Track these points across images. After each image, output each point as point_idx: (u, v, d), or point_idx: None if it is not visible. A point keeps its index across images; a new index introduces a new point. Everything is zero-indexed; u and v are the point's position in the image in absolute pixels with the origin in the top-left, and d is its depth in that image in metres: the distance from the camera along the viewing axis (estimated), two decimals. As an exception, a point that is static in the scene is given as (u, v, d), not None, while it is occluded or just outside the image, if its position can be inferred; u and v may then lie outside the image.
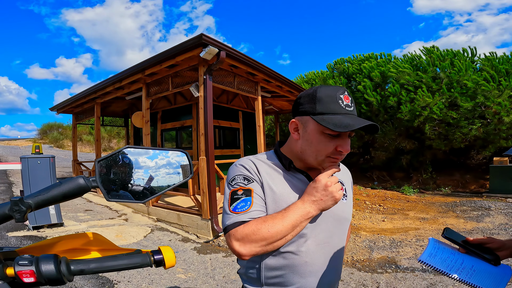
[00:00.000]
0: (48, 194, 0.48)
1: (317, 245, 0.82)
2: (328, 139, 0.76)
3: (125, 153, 0.58)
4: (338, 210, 0.86)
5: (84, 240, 0.58)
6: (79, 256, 0.57)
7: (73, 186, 0.49)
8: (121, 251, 0.59)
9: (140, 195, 0.57)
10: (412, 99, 8.28)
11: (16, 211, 0.45)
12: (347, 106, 0.77)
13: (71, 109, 8.67)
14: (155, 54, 4.84)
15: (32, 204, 0.47)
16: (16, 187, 7.61)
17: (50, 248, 0.55)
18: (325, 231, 0.83)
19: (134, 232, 4.55)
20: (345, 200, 0.91)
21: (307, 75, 13.32)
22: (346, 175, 0.98)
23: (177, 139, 7.47)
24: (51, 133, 26.02)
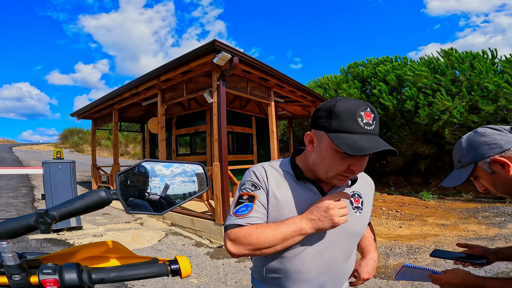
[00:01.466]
0: (72, 206, 0.50)
1: (316, 254, 0.81)
2: (342, 158, 0.74)
3: (144, 166, 0.60)
4: (347, 223, 0.81)
5: (104, 248, 0.60)
6: (98, 263, 0.59)
7: (95, 199, 0.51)
8: (139, 259, 0.60)
9: (158, 207, 0.59)
10: (430, 102, 8.06)
11: (41, 223, 0.47)
12: (367, 124, 0.72)
13: (91, 114, 8.98)
14: (170, 61, 4.95)
15: (57, 216, 0.49)
16: (37, 191, 7.91)
17: (72, 256, 0.57)
18: (328, 241, 0.82)
19: (149, 236, 4.63)
20: (359, 213, 0.87)
21: (320, 79, 13.24)
22: (366, 187, 0.94)
23: (191, 145, 7.58)
24: (72, 138, 27.00)
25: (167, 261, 0.57)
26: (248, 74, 5.16)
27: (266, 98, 5.80)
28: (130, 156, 23.62)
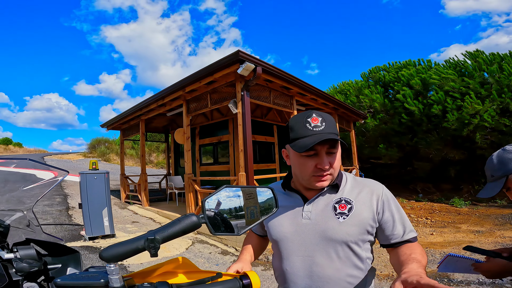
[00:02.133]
0: (172, 230, 0.56)
1: (299, 257, 0.90)
2: (306, 160, 0.86)
3: (226, 191, 0.66)
4: (325, 228, 0.86)
5: (175, 264, 0.67)
6: (170, 278, 0.66)
7: (190, 223, 0.57)
8: (204, 273, 0.66)
9: (226, 226, 0.64)
10: (459, 106, 7.76)
11: (152, 247, 0.53)
12: (316, 126, 0.83)
13: (119, 125, 9.39)
14: (194, 72, 5.11)
15: (160, 240, 0.54)
16: (71, 199, 8.32)
17: (153, 273, 0.65)
18: (309, 246, 0.89)
19: (177, 244, 4.74)
20: (342, 219, 0.86)
21: (339, 85, 13.10)
22: (366, 195, 0.89)
23: (214, 154, 7.71)
24: (99, 147, 28.22)
25: (238, 275, 0.62)
26: (270, 83, 5.23)
27: (288, 107, 5.83)
28: (153, 165, 24.29)
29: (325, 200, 0.91)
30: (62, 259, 0.82)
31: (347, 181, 0.94)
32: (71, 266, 0.82)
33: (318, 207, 0.91)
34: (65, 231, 5.15)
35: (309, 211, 0.91)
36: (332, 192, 0.92)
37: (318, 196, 0.92)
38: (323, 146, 0.84)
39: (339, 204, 0.89)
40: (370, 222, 0.86)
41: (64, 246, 0.83)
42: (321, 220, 0.88)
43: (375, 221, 0.87)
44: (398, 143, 9.91)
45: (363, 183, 0.93)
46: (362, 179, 0.95)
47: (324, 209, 0.89)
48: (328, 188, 0.91)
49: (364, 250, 0.88)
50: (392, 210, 0.87)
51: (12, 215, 0.84)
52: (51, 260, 0.81)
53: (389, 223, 0.87)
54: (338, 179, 0.92)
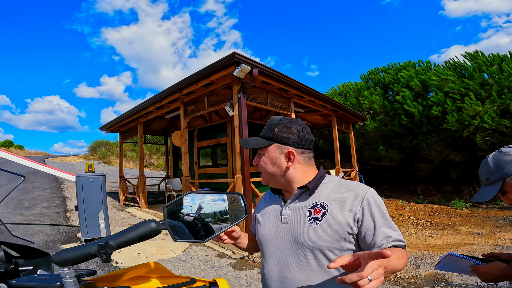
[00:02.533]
0: (127, 236, 0.55)
1: (273, 261, 0.90)
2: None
3: (187, 198, 0.65)
4: (299, 233, 0.85)
5: (147, 269, 0.66)
6: (142, 283, 0.64)
7: (147, 230, 0.56)
8: (177, 278, 0.65)
9: (197, 231, 0.64)
10: (459, 108, 7.72)
11: (103, 253, 0.52)
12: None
13: (118, 128, 9.41)
14: (191, 74, 5.11)
15: (115, 246, 0.53)
16: (69, 201, 8.32)
17: (120, 278, 0.63)
18: (281, 249, 0.89)
19: (174, 247, 4.71)
20: (314, 224, 0.83)
21: (339, 87, 13.08)
22: (346, 200, 0.84)
23: (213, 156, 7.70)
24: (100, 150, 28.28)
25: (208, 283, 0.60)
26: (267, 85, 5.22)
27: (286, 109, 5.82)
28: (154, 167, 24.32)
29: (302, 204, 0.89)
30: (34, 262, 0.82)
31: (329, 184, 0.90)
32: (42, 268, 0.82)
33: (295, 211, 0.89)
34: (61, 233, 5.14)
35: (287, 215, 0.90)
36: (308, 196, 0.89)
37: (295, 199, 0.91)
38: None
39: (314, 208, 0.86)
40: (346, 229, 0.80)
41: (36, 249, 0.83)
42: (296, 225, 0.87)
43: (353, 227, 0.81)
44: (398, 145, 9.87)
45: (347, 186, 0.88)
46: (349, 182, 0.90)
47: (300, 213, 0.88)
48: (304, 191, 0.90)
49: None
50: (374, 216, 0.80)
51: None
52: (23, 262, 0.81)
53: (370, 230, 0.80)
54: (312, 182, 0.90)
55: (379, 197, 0.85)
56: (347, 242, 0.81)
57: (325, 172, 0.96)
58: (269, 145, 0.90)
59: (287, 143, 0.89)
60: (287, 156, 0.89)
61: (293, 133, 0.90)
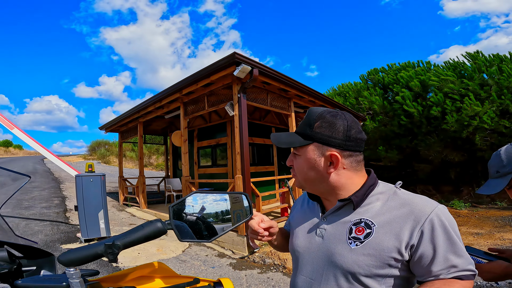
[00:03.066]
0: (134, 236, 0.55)
1: (302, 276, 0.80)
2: None
3: (193, 197, 0.65)
4: (333, 252, 0.73)
5: (151, 269, 0.66)
6: (146, 283, 0.64)
7: (153, 229, 0.56)
8: (181, 278, 0.64)
9: (203, 232, 0.63)
10: (458, 108, 7.73)
11: (110, 253, 0.52)
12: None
13: (117, 128, 9.39)
14: (191, 74, 5.10)
15: (121, 246, 0.53)
16: (69, 201, 8.31)
17: (125, 278, 0.63)
18: (312, 266, 0.78)
19: (174, 247, 4.71)
20: (354, 245, 0.69)
21: (339, 87, 13.08)
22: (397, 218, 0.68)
23: (213, 156, 7.70)
24: (99, 149, 28.27)
25: (212, 282, 0.60)
26: (267, 85, 5.22)
27: (286, 109, 5.82)
28: (153, 167, 24.30)
29: (344, 218, 0.75)
30: (37, 262, 0.82)
31: (381, 196, 0.73)
32: (46, 268, 0.82)
33: (333, 226, 0.76)
34: (61, 233, 5.13)
35: (323, 229, 0.78)
36: (351, 210, 0.74)
37: (336, 211, 0.77)
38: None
39: (357, 226, 0.71)
40: (394, 255, 0.66)
41: (39, 249, 0.83)
42: (332, 242, 0.74)
43: (403, 254, 0.66)
44: (397, 145, 9.88)
45: (404, 201, 0.70)
46: (408, 195, 0.72)
47: (339, 229, 0.74)
48: (347, 203, 0.75)
49: (384, 286, 0.68)
50: (436, 242, 0.64)
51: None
52: (26, 263, 0.81)
53: (427, 258, 0.65)
54: (357, 193, 0.73)
55: (450, 216, 0.67)
56: (392, 268, 0.67)
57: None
58: (307, 144, 0.75)
59: (330, 143, 0.72)
60: (329, 159, 0.73)
61: (338, 131, 0.72)
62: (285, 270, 3.75)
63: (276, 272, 3.71)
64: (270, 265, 3.95)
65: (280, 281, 3.41)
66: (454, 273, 0.64)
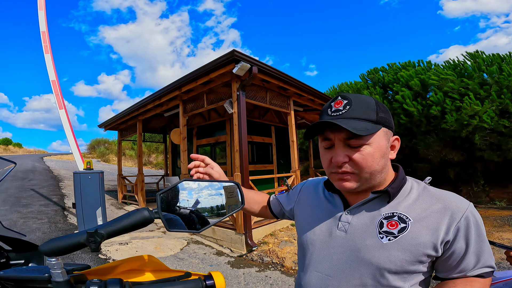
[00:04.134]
0: (119, 225, 0.52)
1: (316, 272, 0.74)
2: (325, 151, 0.71)
3: (183, 185, 0.62)
4: (360, 247, 0.67)
5: (140, 262, 0.64)
6: (135, 276, 0.62)
7: (139, 218, 0.53)
8: (172, 272, 0.63)
9: (192, 222, 0.61)
10: (458, 107, 7.72)
11: (92, 241, 0.50)
12: (336, 111, 0.66)
13: (117, 126, 9.38)
14: (190, 71, 5.09)
15: (105, 235, 0.51)
16: (68, 199, 8.29)
17: (113, 271, 0.61)
18: (330, 261, 0.72)
19: (172, 245, 4.70)
20: (386, 240, 0.65)
21: (339, 86, 13.09)
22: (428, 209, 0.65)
23: (212, 155, 7.68)
24: (99, 148, 28.25)
25: (202, 276, 0.59)
26: (267, 83, 5.20)
27: (285, 107, 5.80)
28: (153, 165, 24.29)
29: (372, 211, 0.69)
30: (25, 255, 0.80)
31: (412, 191, 0.70)
32: (34, 262, 0.80)
33: (360, 219, 0.70)
34: (58, 231, 5.11)
35: (347, 222, 0.72)
36: (383, 202, 0.69)
37: (363, 204, 0.71)
38: (338, 135, 0.66)
39: (390, 220, 0.67)
40: (428, 251, 0.63)
41: (27, 242, 0.81)
42: (359, 236, 0.69)
43: (437, 249, 0.63)
44: (397, 144, 9.89)
45: (437, 196, 0.67)
46: (439, 191, 0.68)
47: (367, 222, 0.69)
48: (379, 195, 0.69)
49: (409, 284, 0.65)
50: (469, 239, 0.62)
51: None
52: (15, 256, 0.79)
53: (458, 254, 0.63)
54: (393, 185, 0.69)
55: (479, 214, 0.66)
56: (421, 264, 0.64)
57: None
58: (377, 130, 0.65)
59: (392, 127, 0.69)
60: (391, 146, 0.70)
61: (391, 116, 0.69)
62: (283, 269, 3.74)
63: (274, 270, 3.70)
64: (268, 263, 3.94)
65: (278, 280, 3.40)
66: (478, 270, 0.63)
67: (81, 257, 3.90)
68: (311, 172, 10.03)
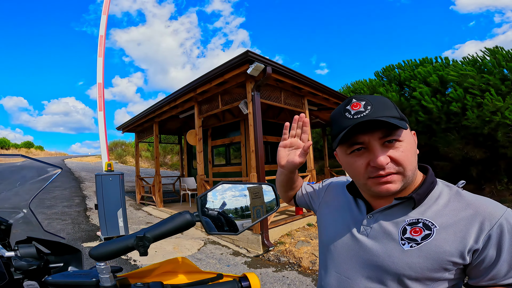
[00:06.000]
0: (164, 228, 0.54)
1: (335, 273, 0.75)
2: (355, 159, 0.66)
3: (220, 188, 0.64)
4: (382, 254, 0.66)
5: (175, 264, 0.66)
6: (171, 278, 0.64)
7: (183, 221, 0.55)
8: (205, 274, 0.64)
9: (230, 226, 0.62)
10: (479, 103, 7.46)
11: (141, 246, 0.51)
12: (357, 113, 0.63)
13: (134, 128, 9.61)
14: (205, 73, 5.15)
15: (151, 239, 0.52)
16: (89, 200, 8.56)
17: (151, 273, 0.63)
18: (350, 264, 0.72)
19: (189, 245, 4.77)
20: (408, 247, 0.63)
21: (353, 84, 12.88)
22: (457, 215, 0.62)
23: (227, 155, 7.74)
24: (116, 150, 28.97)
25: (237, 277, 0.60)
26: (281, 83, 5.20)
27: (300, 107, 5.78)
28: (168, 166, 24.68)
29: (396, 217, 0.67)
30: (64, 258, 0.81)
31: (441, 195, 0.66)
32: (73, 265, 0.81)
33: (382, 224, 0.68)
34: (82, 232, 5.29)
35: (369, 226, 0.70)
36: (408, 208, 0.66)
37: (386, 209, 0.69)
38: (372, 135, 0.63)
39: (413, 226, 0.64)
40: (454, 259, 0.59)
41: (66, 245, 0.82)
42: (379, 241, 0.67)
43: (465, 258, 0.59)
44: (415, 142, 9.65)
45: (470, 202, 0.62)
46: (473, 196, 0.64)
47: (390, 228, 0.67)
48: (403, 201, 0.66)
49: None
50: (502, 247, 0.57)
51: (15, 213, 0.85)
52: (54, 259, 0.81)
53: (489, 262, 0.59)
54: (419, 191, 0.65)
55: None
56: (447, 272, 0.61)
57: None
58: (407, 126, 0.64)
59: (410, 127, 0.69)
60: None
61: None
62: (300, 269, 3.73)
63: (291, 270, 3.70)
64: (285, 263, 3.93)
65: (295, 280, 3.39)
66: (511, 279, 0.59)
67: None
68: (326, 171, 9.93)
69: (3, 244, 0.77)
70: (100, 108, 5.19)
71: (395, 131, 0.62)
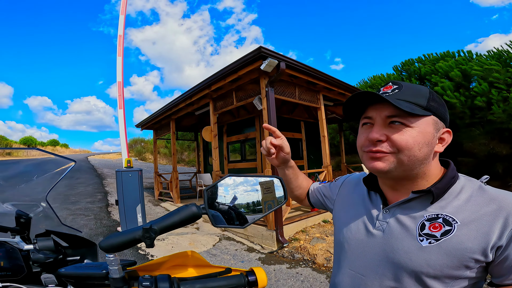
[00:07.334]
0: (170, 220, 0.55)
1: (349, 270, 0.73)
2: (363, 130, 0.68)
3: (221, 182, 0.64)
4: (396, 249, 0.64)
5: (184, 258, 0.67)
6: (179, 272, 0.66)
7: (189, 213, 0.56)
8: (213, 268, 0.65)
9: (229, 218, 0.62)
10: (505, 98, 7.09)
11: (147, 237, 0.52)
12: (382, 94, 0.64)
13: (152, 125, 9.85)
14: (219, 70, 5.19)
15: (158, 231, 0.53)
16: (110, 196, 8.88)
17: (160, 266, 0.65)
18: (364, 260, 0.70)
19: (204, 241, 4.85)
20: (426, 243, 0.60)
21: (370, 79, 12.56)
22: (479, 210, 0.59)
23: (242, 151, 7.78)
24: (136, 147, 29.82)
25: (244, 272, 0.60)
26: (295, 79, 5.15)
27: (315, 102, 5.71)
28: (185, 163, 25.14)
29: (414, 211, 0.65)
30: (80, 251, 0.84)
31: (463, 190, 0.63)
32: (89, 258, 0.84)
33: (399, 219, 0.66)
34: (103, 227, 5.50)
35: (384, 221, 0.68)
36: (426, 203, 0.64)
37: (404, 203, 0.66)
38: (379, 112, 0.63)
39: (433, 222, 0.61)
40: (476, 256, 0.57)
41: (83, 238, 0.85)
42: (395, 237, 0.65)
43: (487, 255, 0.56)
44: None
45: (493, 196, 0.59)
46: (496, 190, 0.61)
47: (407, 223, 0.64)
48: (421, 195, 0.64)
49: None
50: None
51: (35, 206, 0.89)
52: (71, 252, 0.83)
53: (511, 260, 0.56)
54: (438, 185, 0.63)
55: None
56: (468, 270, 0.58)
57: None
58: (425, 116, 0.62)
59: (445, 120, 0.66)
60: (441, 138, 0.65)
61: (447, 110, 0.67)
62: (314, 266, 3.71)
63: (306, 267, 3.68)
64: (299, 260, 3.92)
65: (309, 277, 3.38)
66: None
67: (123, 252, 4.16)
68: (343, 167, 9.77)
69: (22, 237, 0.81)
70: (120, 106, 5.35)
71: (404, 115, 0.61)
